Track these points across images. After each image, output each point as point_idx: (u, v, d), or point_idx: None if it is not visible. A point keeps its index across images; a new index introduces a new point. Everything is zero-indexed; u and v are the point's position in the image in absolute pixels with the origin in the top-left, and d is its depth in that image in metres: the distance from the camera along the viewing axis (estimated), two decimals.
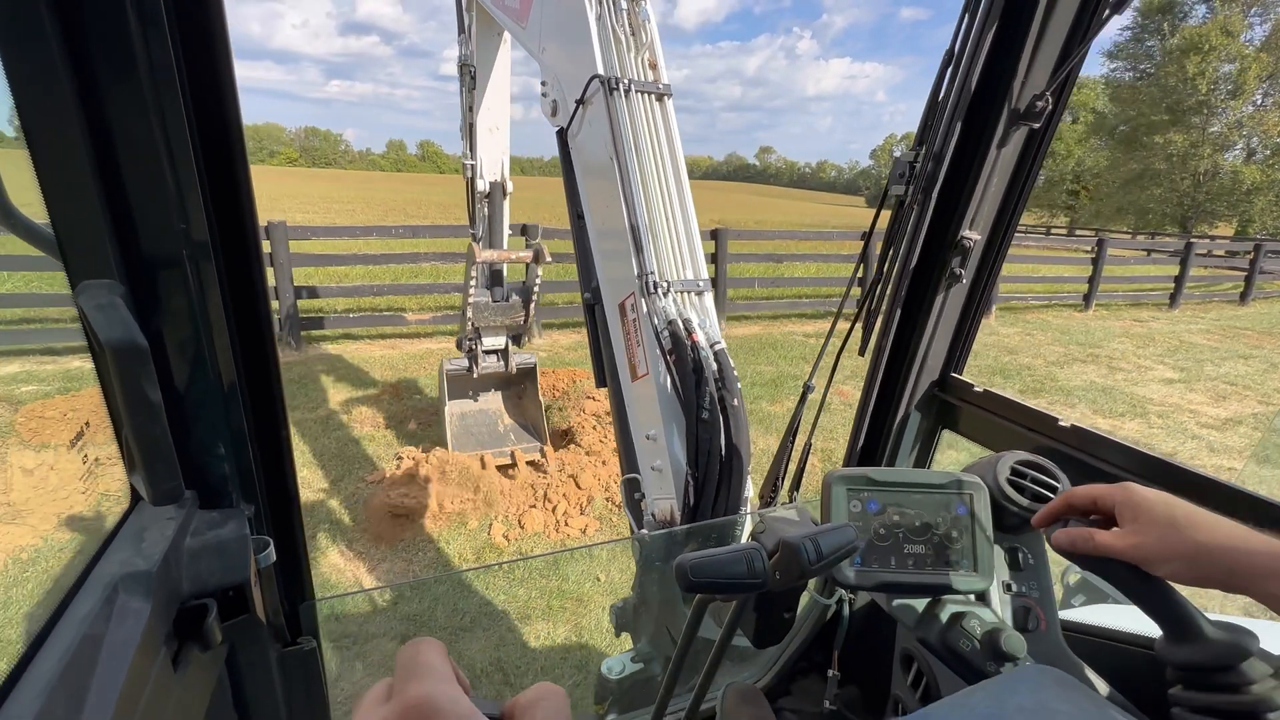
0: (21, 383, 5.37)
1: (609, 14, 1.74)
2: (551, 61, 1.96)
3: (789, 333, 9.13)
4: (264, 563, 0.76)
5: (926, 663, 1.12)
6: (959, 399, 1.35)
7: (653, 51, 1.80)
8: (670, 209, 1.71)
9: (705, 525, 1.54)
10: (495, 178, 4.17)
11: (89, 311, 0.57)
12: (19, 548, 3.18)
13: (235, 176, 0.65)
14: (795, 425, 1.56)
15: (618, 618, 1.78)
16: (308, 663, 0.89)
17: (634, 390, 1.75)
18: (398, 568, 3.51)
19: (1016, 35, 1.07)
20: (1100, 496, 0.76)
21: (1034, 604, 1.04)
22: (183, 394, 0.68)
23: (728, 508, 1.55)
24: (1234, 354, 9.18)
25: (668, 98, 1.77)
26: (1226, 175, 32.07)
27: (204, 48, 0.58)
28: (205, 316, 0.66)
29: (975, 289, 1.27)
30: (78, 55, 0.52)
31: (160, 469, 0.64)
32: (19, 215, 0.60)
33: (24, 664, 0.50)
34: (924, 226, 1.23)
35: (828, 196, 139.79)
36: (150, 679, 0.56)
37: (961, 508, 1.02)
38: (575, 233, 1.96)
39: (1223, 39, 29.66)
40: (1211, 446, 5.83)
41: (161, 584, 0.60)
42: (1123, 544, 0.71)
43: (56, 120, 0.53)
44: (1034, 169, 1.16)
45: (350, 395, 5.82)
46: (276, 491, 0.82)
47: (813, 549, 0.74)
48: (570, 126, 1.86)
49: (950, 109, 1.13)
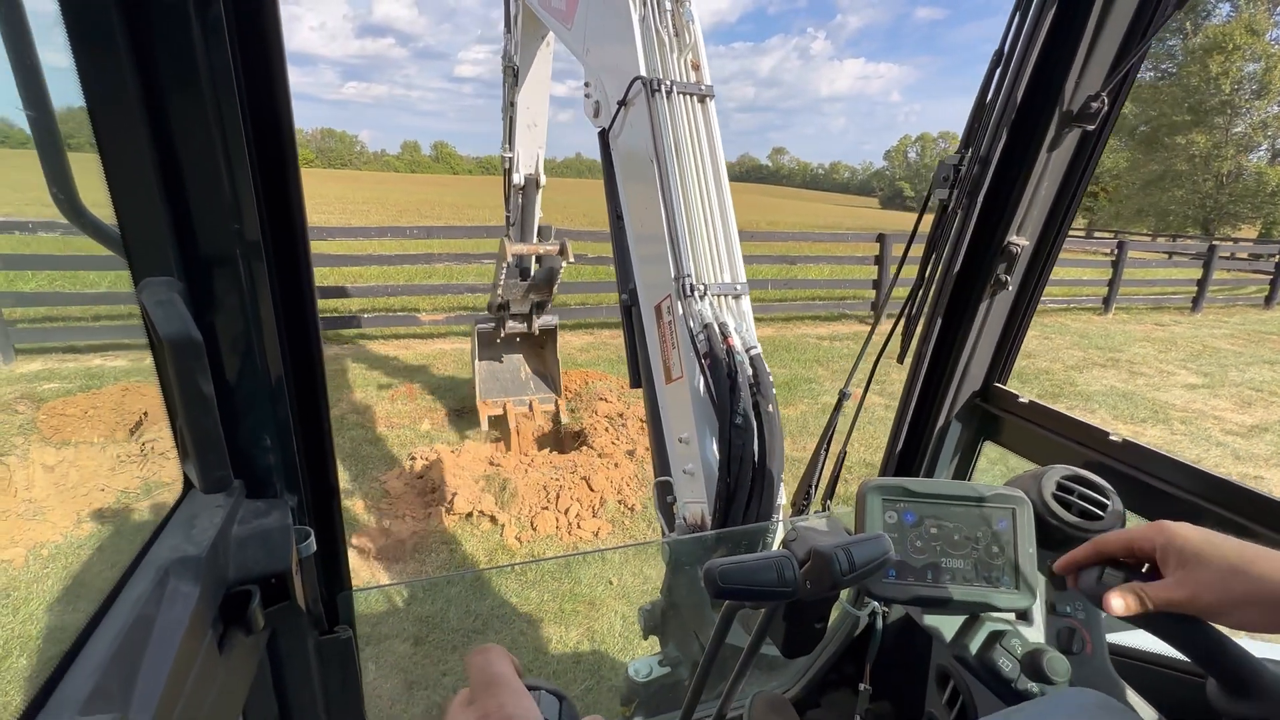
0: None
1: (653, 15, 1.74)
2: (595, 63, 1.98)
3: (802, 335, 9.07)
4: (305, 552, 0.78)
5: (963, 681, 1.09)
6: (1002, 409, 1.31)
7: (696, 53, 1.79)
8: (709, 211, 1.69)
9: (736, 531, 1.52)
10: (530, 171, 4.44)
11: (150, 307, 0.59)
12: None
13: (287, 180, 0.66)
14: (830, 432, 1.53)
15: (646, 620, 1.77)
16: (344, 651, 0.91)
17: (668, 393, 1.74)
18: (410, 568, 3.51)
19: (1071, 33, 1.04)
20: (1135, 541, 0.71)
21: (1079, 625, 1.00)
22: (233, 387, 0.70)
23: (759, 515, 1.53)
24: (1259, 359, 8.99)
25: (710, 99, 1.76)
26: (1250, 176, 31.44)
27: (261, 56, 0.60)
28: (256, 313, 0.68)
29: (1022, 296, 1.24)
30: (144, 64, 0.54)
31: (211, 458, 0.67)
32: (89, 215, 0.63)
33: (81, 642, 0.52)
34: (968, 232, 1.19)
35: (841, 198, 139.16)
36: (197, 660, 0.58)
37: (1003, 522, 0.99)
38: (614, 233, 1.97)
39: (1247, 38, 29.09)
40: (1237, 454, 5.71)
41: (210, 569, 0.62)
42: (1179, 595, 0.65)
43: (124, 126, 0.55)
44: (1087, 172, 1.12)
45: (364, 395, 5.85)
46: (318, 483, 0.84)
47: (845, 559, 0.72)
48: (612, 127, 1.87)
49: (999, 110, 1.09)
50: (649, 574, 3.46)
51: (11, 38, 0.52)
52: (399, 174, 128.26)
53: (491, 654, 0.46)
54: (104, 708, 0.47)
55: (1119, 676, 0.96)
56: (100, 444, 4.16)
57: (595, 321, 8.70)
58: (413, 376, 6.43)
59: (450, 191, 47.95)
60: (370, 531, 3.76)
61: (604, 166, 1.97)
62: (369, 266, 8.70)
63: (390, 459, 4.64)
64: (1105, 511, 1.01)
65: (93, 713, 0.46)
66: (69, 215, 0.62)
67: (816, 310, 10.01)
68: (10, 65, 0.52)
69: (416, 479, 4.32)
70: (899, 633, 1.44)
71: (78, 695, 0.46)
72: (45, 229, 6.28)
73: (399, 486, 4.21)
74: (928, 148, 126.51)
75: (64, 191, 0.60)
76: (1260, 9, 29.94)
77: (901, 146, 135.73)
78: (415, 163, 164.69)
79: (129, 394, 4.91)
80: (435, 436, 5.07)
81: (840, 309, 10.12)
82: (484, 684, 0.43)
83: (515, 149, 4.28)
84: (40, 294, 7.09)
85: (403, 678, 2.73)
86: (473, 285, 8.54)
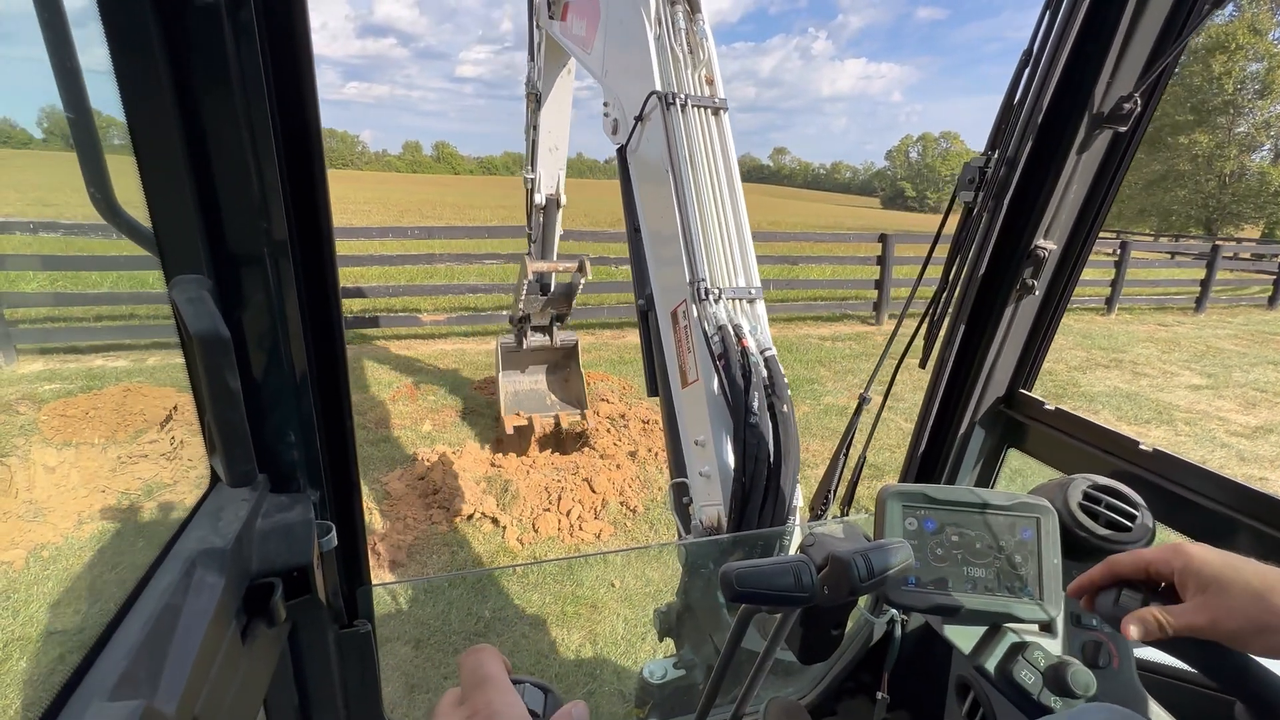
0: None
1: (668, 33, 1.81)
2: (613, 83, 2.07)
3: (804, 335, 9.04)
4: (326, 547, 0.79)
5: (983, 693, 1.07)
6: (1027, 416, 1.29)
7: (710, 68, 1.86)
8: (724, 218, 1.74)
9: (752, 535, 1.50)
10: (551, 191, 4.56)
11: (181, 304, 0.61)
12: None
13: (314, 181, 0.67)
14: (850, 437, 1.51)
15: (661, 622, 1.78)
16: (363, 644, 0.93)
17: (684, 396, 1.77)
18: (411, 571, 3.49)
19: (1103, 33, 1.01)
20: (1152, 563, 0.70)
21: (1106, 639, 0.97)
22: (259, 383, 0.71)
23: (775, 515, 1.53)
24: (1263, 360, 8.96)
25: (724, 111, 1.82)
26: (1253, 176, 31.41)
27: (290, 59, 0.61)
28: (282, 311, 0.69)
29: (1049, 301, 1.21)
30: (178, 68, 0.55)
31: (237, 452, 0.69)
32: (124, 215, 0.64)
33: (111, 629, 0.54)
34: (994, 235, 1.17)
35: (842, 198, 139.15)
36: (221, 649, 0.59)
37: (1027, 532, 0.97)
38: (631, 245, 2.04)
39: (1250, 37, 29.07)
40: (1241, 455, 5.69)
41: (234, 562, 0.64)
42: (1200, 621, 0.63)
43: (159, 128, 0.56)
44: (1118, 175, 1.10)
45: (365, 396, 5.83)
46: (340, 479, 0.85)
47: (864, 565, 0.71)
48: (629, 143, 1.95)
49: (1027, 112, 1.07)
50: (652, 577, 3.44)
51: (53, 42, 0.53)
52: (400, 174, 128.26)
53: (483, 655, 0.48)
54: (131, 693, 0.48)
55: (1146, 692, 0.93)
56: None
57: (596, 322, 8.68)
58: (414, 377, 6.41)
59: (451, 192, 47.97)
60: (372, 533, 3.74)
61: (621, 181, 2.02)
62: (370, 267, 8.68)
63: (391, 460, 4.62)
64: (1134, 523, 0.99)
65: (121, 698, 0.47)
66: (106, 215, 0.63)
67: (818, 310, 9.99)
68: (51, 69, 0.53)
69: (418, 480, 4.30)
70: (918, 642, 1.42)
71: (107, 681, 0.48)
72: (46, 229, 6.28)
73: (400, 488, 4.19)
74: (929, 147, 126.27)
75: (101, 192, 0.61)
76: (1263, 8, 29.90)
77: (903, 146, 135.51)
78: (417, 163, 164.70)
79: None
80: (437, 438, 5.05)
81: (842, 309, 10.10)
82: (475, 683, 0.45)
83: (537, 170, 4.46)
84: (41, 294, 7.09)
85: (403, 680, 2.71)
86: (474, 285, 8.53)
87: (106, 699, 0.46)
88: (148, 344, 6.47)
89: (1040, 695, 0.90)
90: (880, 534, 0.98)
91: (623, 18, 1.98)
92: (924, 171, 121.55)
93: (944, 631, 1.05)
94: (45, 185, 7.00)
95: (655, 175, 1.80)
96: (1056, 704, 0.89)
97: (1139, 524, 0.99)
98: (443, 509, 3.96)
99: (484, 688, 0.45)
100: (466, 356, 7.18)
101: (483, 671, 0.46)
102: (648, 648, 2.97)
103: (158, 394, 4.99)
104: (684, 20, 1.84)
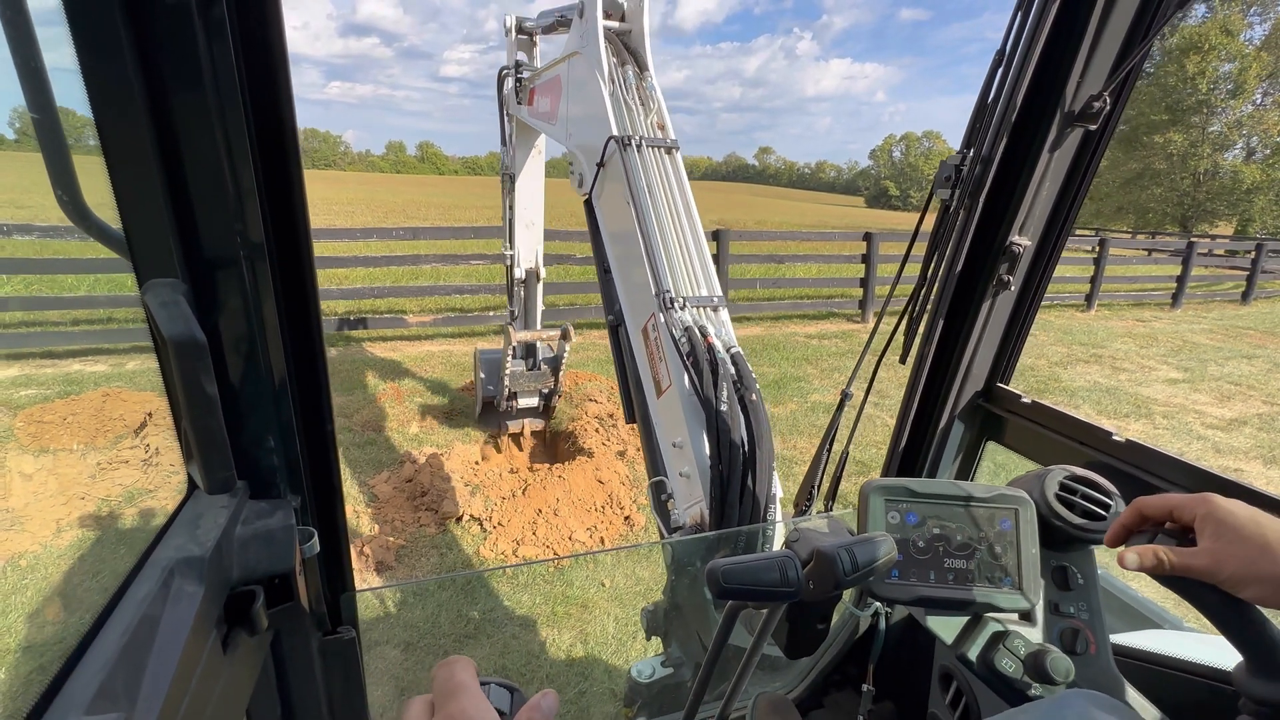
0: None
1: (620, 89, 2.09)
2: (577, 141, 2.30)
3: (791, 334, 9.10)
4: (308, 553, 0.78)
5: (966, 682, 1.09)
6: (1005, 410, 1.31)
7: (660, 115, 2.12)
8: (683, 238, 1.91)
9: (735, 531, 1.52)
10: (530, 265, 4.70)
11: (154, 309, 0.59)
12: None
13: (290, 181, 0.66)
14: (833, 433, 1.53)
15: (649, 621, 1.79)
16: (347, 651, 0.92)
17: (660, 405, 1.84)
18: (400, 574, 3.47)
19: (1073, 33, 1.04)
20: (1178, 507, 0.70)
21: (1083, 626, 1.00)
22: (237, 388, 0.70)
23: (754, 502, 1.56)
24: (1237, 354, 9.17)
25: (676, 150, 2.05)
26: (1226, 174, 32.13)
27: (264, 57, 0.59)
28: (260, 315, 0.68)
29: (1024, 296, 1.24)
30: (149, 67, 0.54)
31: (215, 459, 0.67)
32: (93, 217, 0.63)
33: (87, 641, 0.53)
34: (970, 232, 1.19)
35: (827, 197, 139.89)
36: (202, 660, 0.58)
37: (1006, 523, 0.99)
38: (602, 285, 2.20)
39: (1222, 38, 29.72)
40: (1217, 447, 5.81)
41: (214, 570, 0.63)
42: (1201, 563, 0.65)
43: (128, 128, 0.55)
44: (1089, 173, 1.12)
45: (350, 398, 5.78)
46: (321, 484, 0.84)
47: (848, 559, 0.72)
48: (594, 189, 2.12)
49: (1000, 110, 1.09)
50: (642, 576, 3.45)
51: (15, 40, 0.52)
52: (384, 174, 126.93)
53: (455, 665, 0.49)
54: (109, 707, 0.47)
55: (1122, 677, 0.96)
56: (102, 447, 4.15)
57: (584, 322, 8.66)
58: (400, 379, 6.36)
59: (436, 192, 47.59)
60: (357, 538, 3.71)
61: (590, 230, 2.20)
62: (355, 269, 8.59)
63: (378, 463, 4.58)
64: (1108, 512, 1.01)
65: (98, 712, 0.46)
66: (73, 217, 0.61)
67: (804, 309, 10.04)
68: (14, 68, 0.52)
69: (406, 483, 4.27)
70: (902, 633, 1.44)
71: (83, 694, 0.47)
72: (21, 231, 6.15)
73: (388, 490, 4.15)
74: (912, 147, 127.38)
75: (68, 193, 0.60)
76: (1234, 10, 30.58)
77: (886, 146, 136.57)
78: (400, 163, 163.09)
79: (128, 398, 4.91)
80: (424, 439, 5.01)
81: (828, 307, 10.17)
82: (448, 692, 0.46)
83: (516, 246, 4.56)
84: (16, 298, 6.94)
85: (394, 684, 2.69)
86: (460, 286, 8.47)
87: (84, 713, 0.46)
88: (127, 348, 6.38)
89: (1021, 682, 0.91)
90: (864, 528, 0.99)
91: (581, 80, 2.24)
92: (907, 170, 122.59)
93: (927, 623, 1.06)
94: (17, 186, 6.84)
95: (618, 208, 1.96)
96: (1037, 690, 0.91)
97: (1113, 512, 1.02)
98: (431, 511, 3.93)
99: (456, 696, 0.46)
100: (453, 358, 7.13)
101: (454, 681, 0.47)
102: (639, 646, 2.97)
103: (137, 399, 4.92)
104: (634, 78, 2.12)
